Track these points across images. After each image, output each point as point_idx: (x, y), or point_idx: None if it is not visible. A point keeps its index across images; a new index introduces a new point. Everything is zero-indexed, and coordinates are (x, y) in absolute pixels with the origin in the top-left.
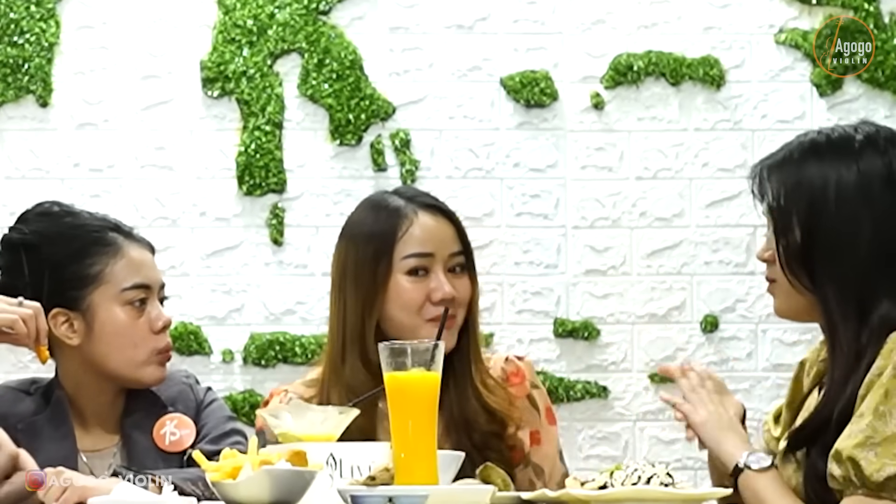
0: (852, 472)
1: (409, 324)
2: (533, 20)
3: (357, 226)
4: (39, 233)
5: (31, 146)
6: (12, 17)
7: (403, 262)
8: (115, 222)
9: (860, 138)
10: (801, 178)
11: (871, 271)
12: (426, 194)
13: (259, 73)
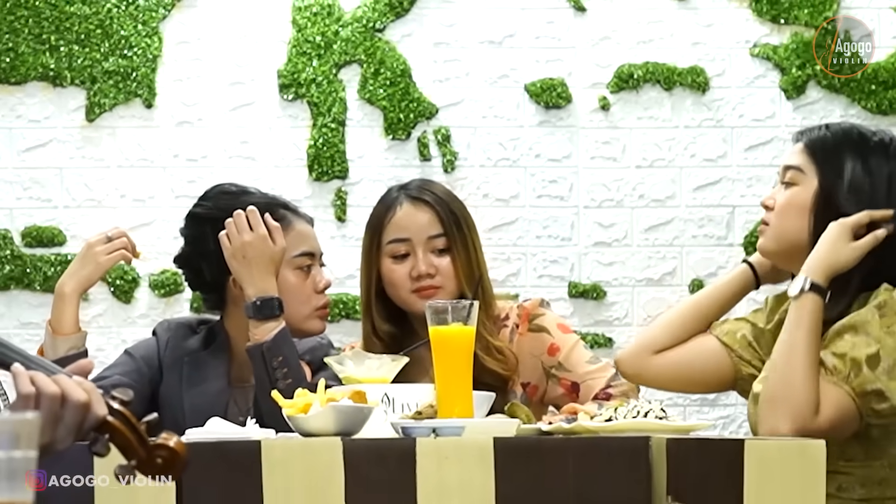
0: (852, 372)
1: (400, 298)
2: (551, 37)
3: (369, 217)
4: (221, 208)
5: (138, 141)
6: (122, 34)
7: (387, 247)
8: (283, 201)
9: (875, 141)
10: (839, 157)
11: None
12: (419, 185)
13: (326, 81)
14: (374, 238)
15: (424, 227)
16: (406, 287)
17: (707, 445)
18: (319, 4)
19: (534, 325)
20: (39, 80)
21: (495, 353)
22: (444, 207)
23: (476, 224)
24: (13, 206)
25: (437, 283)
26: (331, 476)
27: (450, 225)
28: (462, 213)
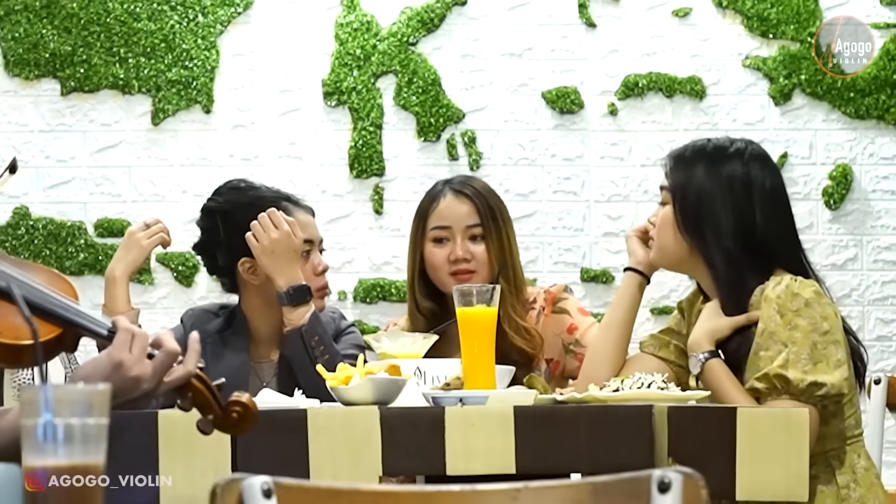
0: (778, 384)
1: (438, 279)
2: (565, 49)
3: (418, 205)
4: (231, 202)
5: (198, 142)
6: (184, 48)
7: (430, 232)
8: (286, 194)
9: (732, 150)
10: (689, 172)
11: (731, 241)
12: (462, 180)
13: (365, 89)
14: (420, 224)
15: (463, 216)
16: (444, 269)
17: (704, 412)
18: (359, 21)
19: (557, 307)
20: (110, 88)
21: (523, 333)
22: (483, 201)
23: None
24: (87, 200)
25: (471, 267)
26: (369, 440)
27: (486, 216)
28: (499, 207)
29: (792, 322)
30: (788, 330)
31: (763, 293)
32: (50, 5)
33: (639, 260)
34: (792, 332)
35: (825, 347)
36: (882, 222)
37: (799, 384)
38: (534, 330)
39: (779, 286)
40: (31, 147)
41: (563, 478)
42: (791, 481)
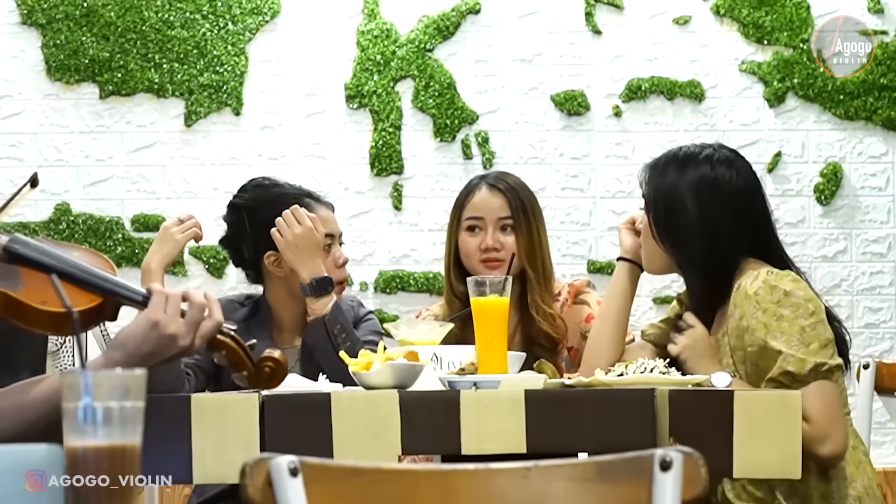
0: (786, 381)
1: (470, 265)
2: (573, 55)
3: (456, 198)
4: (256, 198)
5: (228, 142)
6: (215, 54)
7: (465, 222)
8: (308, 191)
9: (702, 156)
10: (660, 180)
11: (701, 243)
12: (496, 175)
13: (385, 92)
14: (456, 214)
15: (496, 209)
16: (476, 257)
17: (703, 395)
18: (379, 28)
19: (578, 299)
20: (146, 92)
21: (550, 319)
22: (514, 195)
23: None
24: (124, 197)
25: (501, 256)
26: (389, 422)
27: (517, 210)
28: (530, 202)
29: (777, 313)
30: (775, 321)
31: (740, 289)
32: (89, 14)
33: (628, 249)
34: (779, 322)
35: (813, 328)
36: (870, 217)
37: (802, 371)
38: (559, 317)
39: (756, 281)
40: (71, 147)
41: (571, 457)
42: (785, 460)
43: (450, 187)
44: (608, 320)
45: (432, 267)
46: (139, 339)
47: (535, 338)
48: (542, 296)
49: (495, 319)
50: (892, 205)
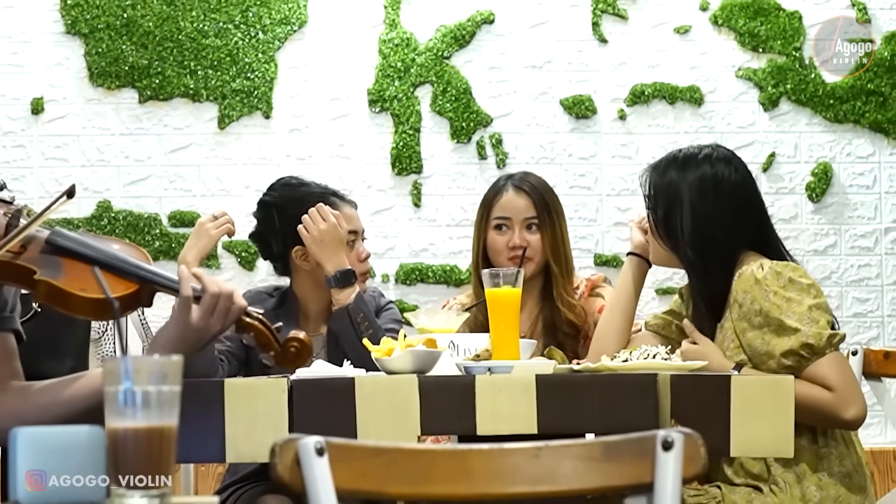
0: (806, 353)
1: (497, 261)
2: (580, 62)
3: (482, 197)
4: (284, 197)
5: (259, 144)
6: (247, 61)
7: (493, 221)
8: (332, 189)
9: (701, 156)
10: (662, 180)
11: (702, 238)
12: (522, 177)
13: (405, 97)
14: (484, 213)
15: (522, 209)
16: (504, 254)
17: (702, 380)
18: (400, 37)
19: (595, 292)
20: (182, 96)
21: (572, 309)
22: (539, 196)
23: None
24: (161, 195)
25: (528, 254)
26: (409, 405)
27: (542, 210)
28: (553, 202)
29: (786, 296)
30: (786, 302)
31: (743, 276)
32: (129, 24)
33: (637, 245)
34: (789, 303)
35: (818, 308)
36: (858, 213)
37: (820, 341)
38: (579, 306)
39: (761, 269)
40: (112, 148)
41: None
42: (778, 439)
43: (466, 185)
44: (617, 311)
45: (449, 260)
46: (177, 341)
47: (559, 326)
48: (566, 287)
49: (508, 309)
50: (878, 202)
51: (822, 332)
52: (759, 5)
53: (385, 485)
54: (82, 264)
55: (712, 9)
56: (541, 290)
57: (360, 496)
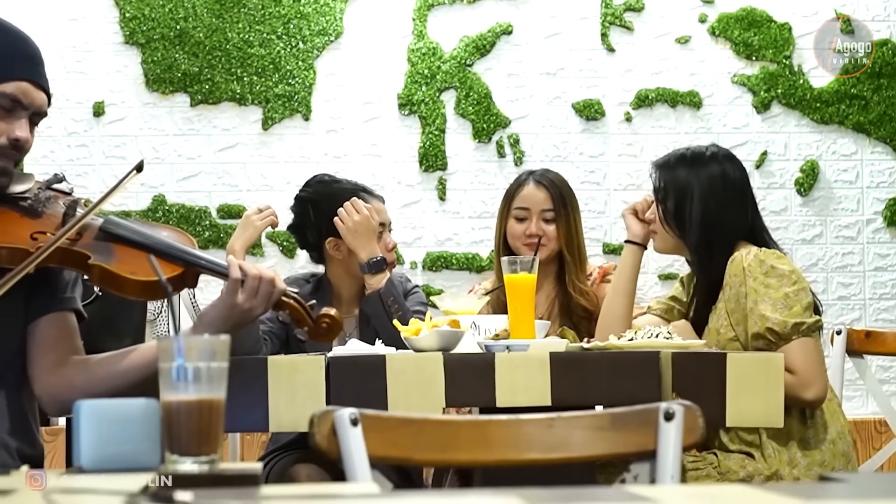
0: (771, 337)
1: (516, 248)
2: (590, 69)
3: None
4: (318, 192)
5: (299, 143)
6: (288, 69)
7: (513, 211)
8: (362, 186)
9: (708, 154)
10: (672, 176)
11: (709, 228)
12: (542, 173)
13: (432, 101)
14: (506, 204)
15: (540, 201)
16: (522, 241)
17: (700, 357)
18: (427, 47)
19: (606, 279)
20: (229, 100)
21: (584, 294)
22: (556, 190)
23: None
24: (211, 189)
25: (543, 242)
26: (434, 380)
27: (558, 203)
28: (569, 196)
29: (765, 282)
30: (763, 287)
31: (735, 262)
32: (181, 35)
33: (635, 233)
34: (767, 289)
35: (796, 294)
36: (842, 206)
37: (785, 328)
38: (591, 292)
39: (748, 256)
40: (166, 147)
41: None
42: (769, 411)
43: (486, 181)
44: (619, 293)
45: (472, 249)
46: (223, 319)
47: (573, 309)
48: (578, 275)
49: (525, 293)
50: (861, 196)
51: (787, 320)
52: (753, 18)
53: (413, 452)
54: (133, 249)
55: (710, 21)
56: (556, 275)
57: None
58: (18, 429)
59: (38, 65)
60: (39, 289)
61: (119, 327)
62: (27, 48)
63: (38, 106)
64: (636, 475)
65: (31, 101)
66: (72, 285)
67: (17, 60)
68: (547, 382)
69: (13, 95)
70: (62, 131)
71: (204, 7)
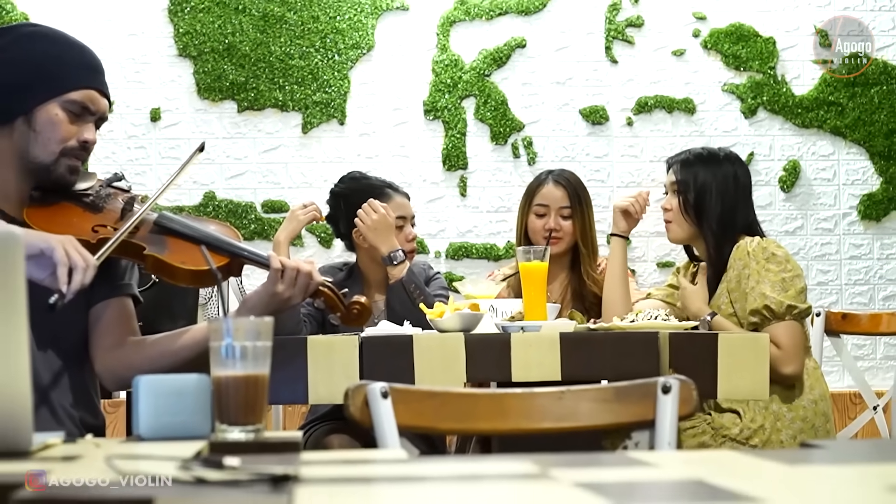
0: (767, 314)
1: (535, 241)
2: (596, 79)
3: (527, 186)
4: (349, 188)
5: (334, 145)
6: (325, 79)
7: (534, 207)
8: (388, 182)
9: (722, 156)
10: (693, 171)
11: (725, 221)
12: (560, 173)
13: (454, 107)
14: (527, 200)
15: (558, 199)
16: (540, 234)
17: (694, 336)
18: (449, 59)
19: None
20: (272, 107)
21: (595, 282)
22: (573, 189)
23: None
24: (256, 186)
25: (559, 235)
26: (456, 357)
27: (574, 201)
28: (584, 195)
29: (765, 266)
30: (764, 271)
31: (740, 248)
32: (229, 48)
33: (622, 228)
34: (767, 272)
35: (791, 280)
36: (821, 201)
37: (780, 308)
38: (600, 280)
39: (752, 243)
40: (216, 149)
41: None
42: (755, 385)
43: (503, 179)
44: (616, 279)
45: (489, 240)
46: (263, 305)
47: (585, 295)
48: (591, 265)
49: (537, 279)
50: (837, 192)
51: (783, 300)
52: (741, 33)
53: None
54: (183, 241)
55: (703, 35)
56: (570, 265)
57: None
58: (82, 401)
59: (100, 74)
60: (100, 277)
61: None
62: (92, 60)
63: (102, 111)
64: (637, 442)
65: (96, 107)
66: (129, 273)
67: (84, 71)
68: (557, 359)
69: (82, 102)
70: (123, 135)
71: (250, 23)
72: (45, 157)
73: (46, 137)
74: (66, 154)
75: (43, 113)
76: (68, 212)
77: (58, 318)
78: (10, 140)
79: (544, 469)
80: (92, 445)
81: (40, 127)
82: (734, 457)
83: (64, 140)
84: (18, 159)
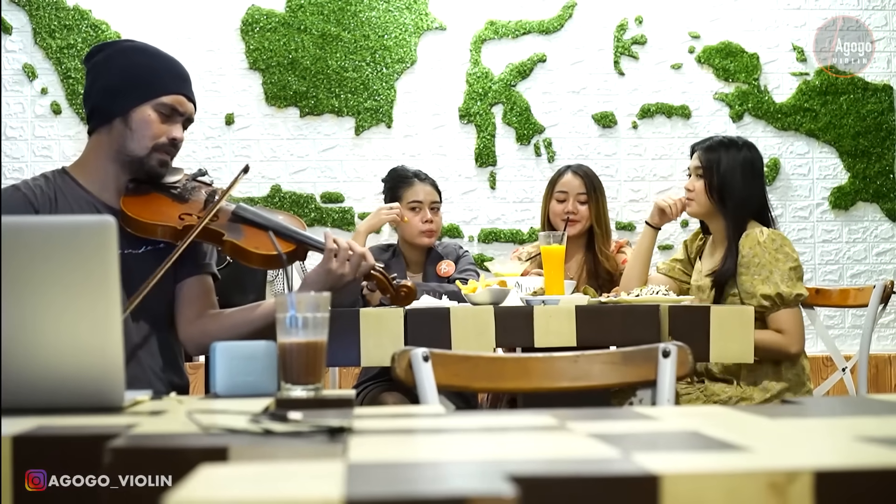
0: (778, 301)
1: (556, 224)
2: (606, 89)
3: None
4: (390, 177)
5: (383, 146)
6: (374, 88)
7: (555, 194)
8: (416, 171)
9: (741, 143)
10: (716, 156)
11: (744, 201)
12: (578, 165)
13: (485, 113)
14: (549, 189)
15: (576, 186)
16: (560, 216)
17: (691, 309)
18: (481, 72)
19: (621, 251)
20: (329, 113)
21: (608, 260)
22: (589, 180)
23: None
24: (315, 181)
25: (577, 218)
26: (487, 326)
27: (590, 189)
28: (598, 184)
29: (776, 257)
30: (774, 261)
31: (750, 236)
32: (293, 62)
33: (656, 221)
34: (777, 262)
35: (796, 271)
36: (798, 193)
37: (790, 296)
38: (612, 257)
39: (762, 235)
40: (281, 149)
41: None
42: (742, 350)
43: (526, 174)
44: (638, 261)
45: (515, 226)
46: (320, 282)
47: (599, 273)
48: (605, 244)
49: (556, 259)
50: (812, 185)
51: (792, 290)
52: (730, 49)
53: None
54: (257, 229)
55: (697, 51)
56: (586, 246)
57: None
58: (169, 364)
59: (187, 82)
60: (186, 257)
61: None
62: (180, 69)
63: (189, 113)
64: (641, 399)
65: (184, 109)
66: (210, 254)
67: (173, 79)
68: (573, 328)
69: (171, 105)
70: (201, 136)
71: (310, 41)
72: (139, 151)
73: (141, 135)
74: (157, 149)
75: (138, 114)
76: (159, 201)
77: (149, 293)
78: (109, 137)
79: (562, 422)
80: (175, 402)
81: (135, 126)
82: (725, 411)
83: (155, 137)
84: (116, 154)
